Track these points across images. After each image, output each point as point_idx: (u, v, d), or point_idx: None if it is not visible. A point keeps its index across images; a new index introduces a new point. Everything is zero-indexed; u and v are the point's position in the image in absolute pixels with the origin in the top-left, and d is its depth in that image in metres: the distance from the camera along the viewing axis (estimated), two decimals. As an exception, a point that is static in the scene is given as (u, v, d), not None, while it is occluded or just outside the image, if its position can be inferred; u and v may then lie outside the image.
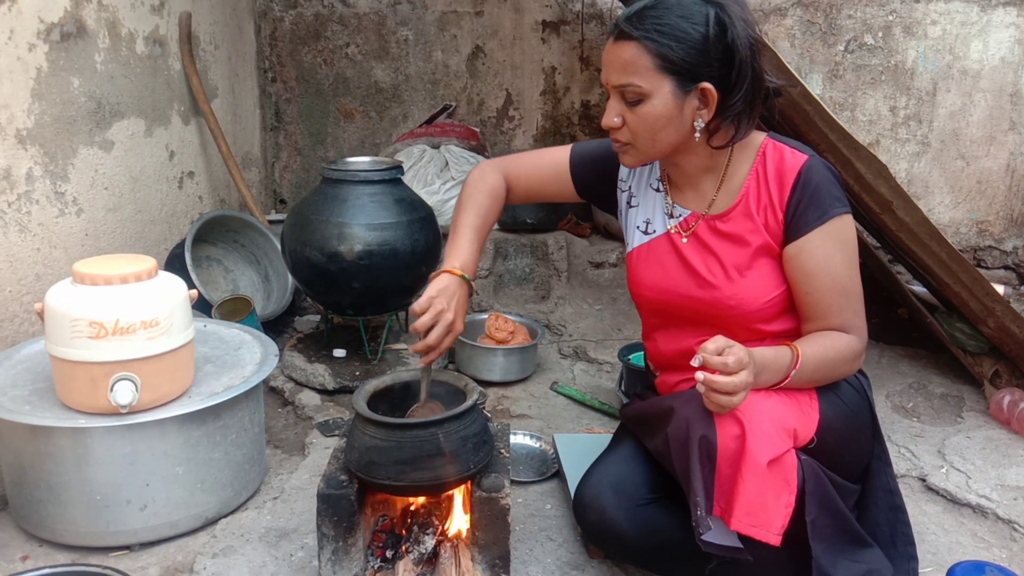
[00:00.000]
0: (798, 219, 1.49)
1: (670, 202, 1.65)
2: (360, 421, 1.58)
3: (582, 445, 2.10)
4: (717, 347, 1.33)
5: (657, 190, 1.68)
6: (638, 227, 1.70)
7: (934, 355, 2.79)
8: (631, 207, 1.73)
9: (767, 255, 1.54)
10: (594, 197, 1.80)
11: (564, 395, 2.56)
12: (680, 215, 1.63)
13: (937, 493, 2.04)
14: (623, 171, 1.75)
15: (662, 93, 1.43)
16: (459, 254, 1.63)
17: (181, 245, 2.86)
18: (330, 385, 2.52)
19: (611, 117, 1.49)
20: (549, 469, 2.11)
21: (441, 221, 3.16)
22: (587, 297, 3.20)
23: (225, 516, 1.91)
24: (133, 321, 1.68)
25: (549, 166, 1.77)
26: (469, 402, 1.60)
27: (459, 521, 1.68)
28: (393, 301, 2.62)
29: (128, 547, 1.80)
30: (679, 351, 1.65)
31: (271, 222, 3.31)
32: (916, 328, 2.91)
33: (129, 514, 1.76)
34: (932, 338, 2.74)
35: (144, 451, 1.74)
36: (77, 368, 1.68)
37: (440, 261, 1.76)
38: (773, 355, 1.42)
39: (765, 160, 1.54)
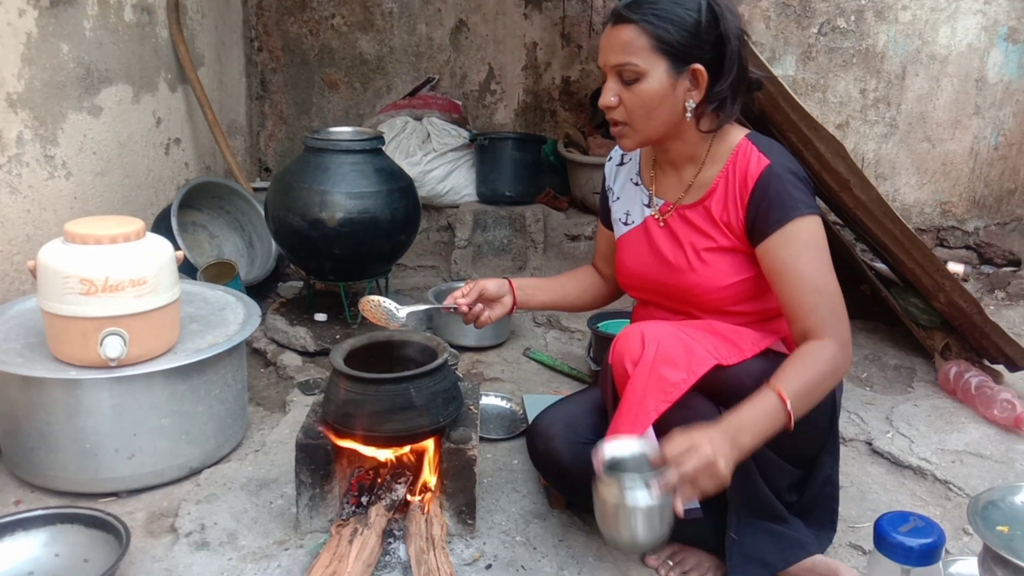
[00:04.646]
0: (759, 223, 1.56)
1: (648, 193, 1.75)
2: (337, 376, 1.68)
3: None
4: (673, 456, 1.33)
5: (636, 184, 1.79)
6: (619, 219, 1.81)
7: (891, 329, 2.92)
8: (614, 202, 1.85)
9: (727, 248, 1.62)
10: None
11: (536, 360, 2.68)
12: (657, 204, 1.73)
13: (881, 456, 2.17)
14: (608, 179, 1.87)
15: (657, 72, 1.53)
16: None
17: (167, 210, 2.93)
18: (311, 347, 2.62)
19: (608, 97, 1.58)
20: (518, 428, 2.23)
21: (422, 192, 3.26)
22: (562, 268, 3.30)
23: (209, 467, 2.01)
24: (122, 279, 1.76)
25: (599, 237, 1.98)
26: (440, 360, 1.70)
27: (429, 472, 1.79)
28: (373, 267, 2.71)
29: (116, 494, 1.90)
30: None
31: (256, 189, 3.38)
32: (876, 303, 3.03)
33: (117, 462, 1.86)
34: (890, 312, 2.87)
35: (131, 403, 1.83)
36: (68, 323, 1.77)
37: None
38: (752, 409, 1.41)
39: (736, 159, 1.61)
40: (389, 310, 1.80)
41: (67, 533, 1.66)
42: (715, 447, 1.31)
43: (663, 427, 1.49)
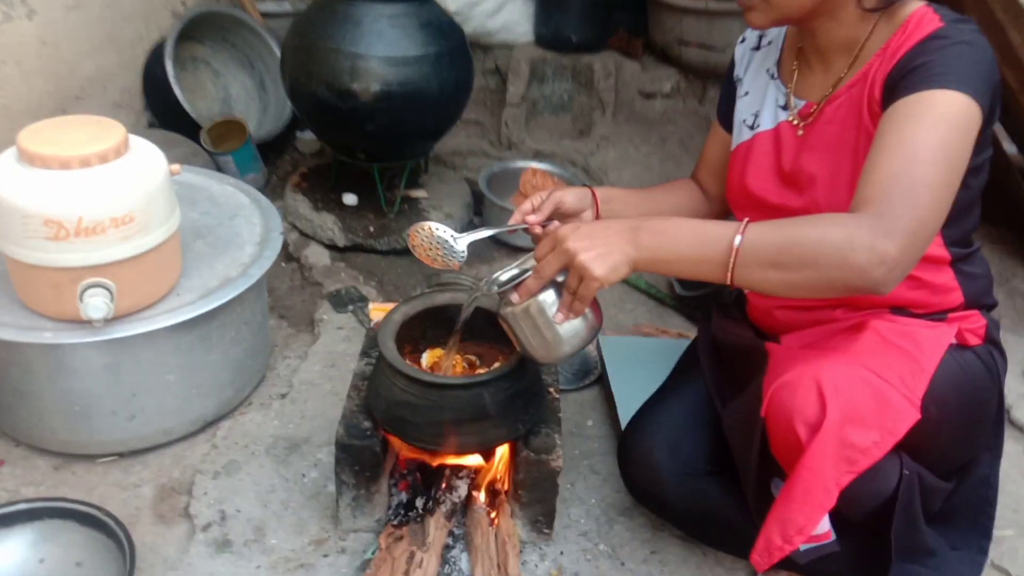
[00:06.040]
0: (895, 88, 1.11)
1: (786, 91, 1.31)
2: (389, 370, 1.30)
3: (631, 350, 1.84)
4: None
5: (773, 77, 1.34)
6: (744, 121, 1.38)
7: (1022, 241, 2.45)
8: (740, 98, 1.40)
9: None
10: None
11: (606, 270, 2.26)
12: (796, 106, 1.29)
13: (1019, 429, 1.83)
14: (737, 65, 1.42)
15: None
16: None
17: (161, 46, 2.41)
18: (340, 241, 2.21)
19: None
20: (591, 373, 1.87)
21: (468, 29, 2.69)
22: (633, 137, 2.78)
23: (226, 417, 1.69)
24: (100, 219, 1.33)
25: (711, 139, 1.51)
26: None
27: (500, 476, 1.46)
28: (414, 147, 2.23)
29: (119, 453, 1.59)
30: None
31: (267, 15, 2.78)
32: (1004, 198, 2.52)
33: (115, 424, 1.53)
34: (1019, 214, 2.39)
35: (127, 361, 1.47)
36: (36, 272, 1.36)
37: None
38: (689, 222, 1.12)
39: (903, 30, 1.15)
40: (445, 241, 1.38)
41: (57, 530, 1.36)
42: (583, 242, 1.07)
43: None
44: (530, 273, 1.15)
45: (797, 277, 1.03)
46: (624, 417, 1.66)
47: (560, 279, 1.14)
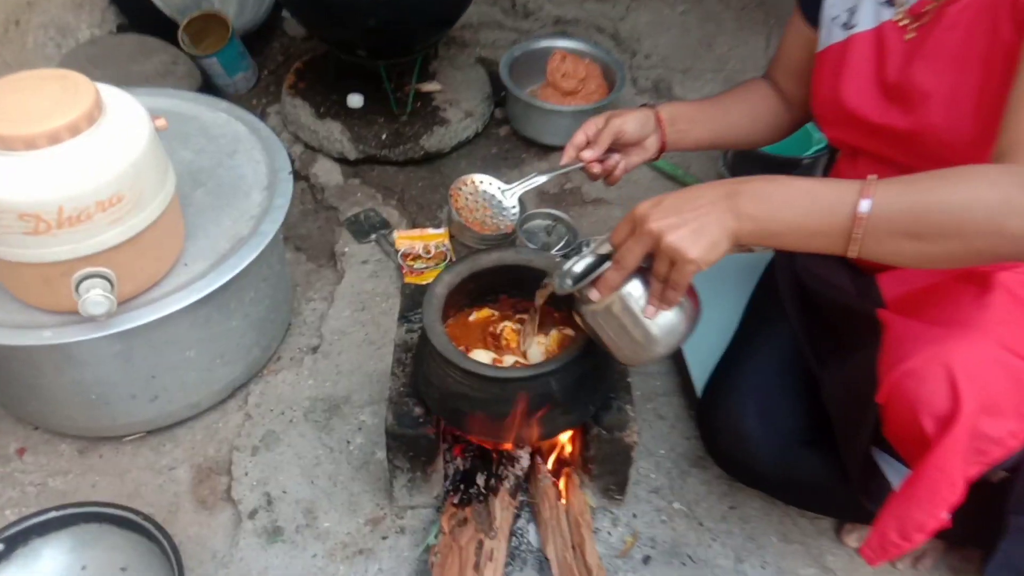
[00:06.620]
0: None
1: None
2: (441, 360, 1.14)
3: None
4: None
5: None
6: (836, 18, 1.15)
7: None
8: None
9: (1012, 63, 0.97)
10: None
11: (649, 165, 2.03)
12: (907, 2, 1.06)
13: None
14: None
15: None
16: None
17: (114, -72, 2.07)
18: (351, 154, 1.97)
19: None
20: (644, 295, 1.70)
21: None
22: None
23: (256, 378, 1.56)
24: (84, 205, 1.12)
25: (790, 34, 1.29)
26: (590, 332, 1.15)
27: (569, 449, 1.34)
28: (422, 39, 1.94)
29: (145, 431, 1.47)
30: None
31: None
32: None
33: (137, 407, 1.40)
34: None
35: (140, 347, 1.31)
36: (21, 269, 1.17)
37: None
38: (798, 181, 0.91)
39: None
40: (492, 197, 1.25)
41: (95, 535, 1.27)
42: (670, 219, 0.89)
43: None
44: (609, 264, 0.96)
45: (936, 249, 0.86)
46: (689, 353, 1.52)
47: (646, 265, 0.96)
